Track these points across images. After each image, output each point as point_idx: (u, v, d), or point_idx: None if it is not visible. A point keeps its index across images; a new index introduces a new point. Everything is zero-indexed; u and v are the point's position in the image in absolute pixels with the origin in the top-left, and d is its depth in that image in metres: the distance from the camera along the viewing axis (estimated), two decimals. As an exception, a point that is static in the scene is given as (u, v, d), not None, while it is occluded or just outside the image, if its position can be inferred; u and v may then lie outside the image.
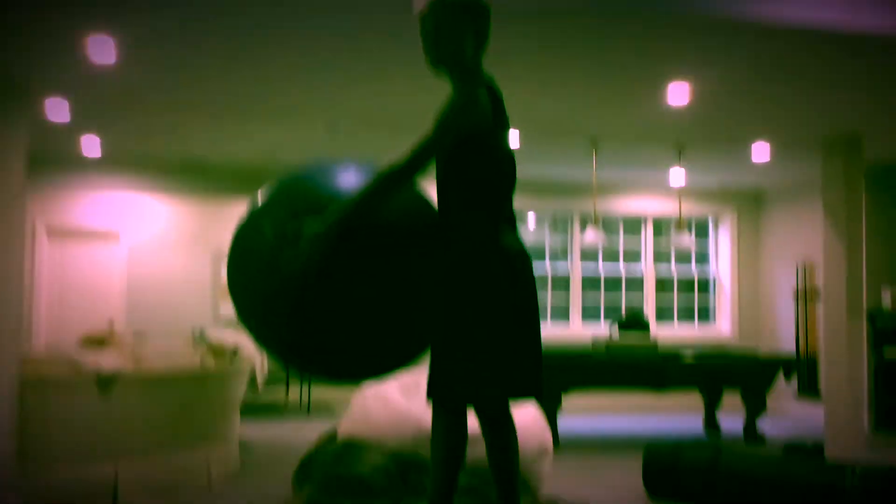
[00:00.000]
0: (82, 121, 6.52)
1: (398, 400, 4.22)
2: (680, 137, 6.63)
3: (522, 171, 8.63)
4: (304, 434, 6.85)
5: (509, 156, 2.50)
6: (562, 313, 9.42)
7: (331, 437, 4.39)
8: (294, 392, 8.97)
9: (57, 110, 5.76)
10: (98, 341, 5.49)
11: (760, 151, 6.90)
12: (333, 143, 7.13)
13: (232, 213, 8.94)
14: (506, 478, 2.37)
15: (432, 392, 2.35)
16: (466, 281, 2.35)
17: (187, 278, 8.75)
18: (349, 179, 2.45)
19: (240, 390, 5.43)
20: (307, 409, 8.39)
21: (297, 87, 5.20)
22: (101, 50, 4.26)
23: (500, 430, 2.39)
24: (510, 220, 2.46)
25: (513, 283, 2.36)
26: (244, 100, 5.52)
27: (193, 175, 8.66)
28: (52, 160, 8.21)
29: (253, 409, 8.33)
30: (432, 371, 2.35)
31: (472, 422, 2.73)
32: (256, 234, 2.40)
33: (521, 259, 2.40)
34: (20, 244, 4.12)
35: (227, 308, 8.74)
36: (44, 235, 8.40)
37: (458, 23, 2.41)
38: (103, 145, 7.58)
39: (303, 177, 2.50)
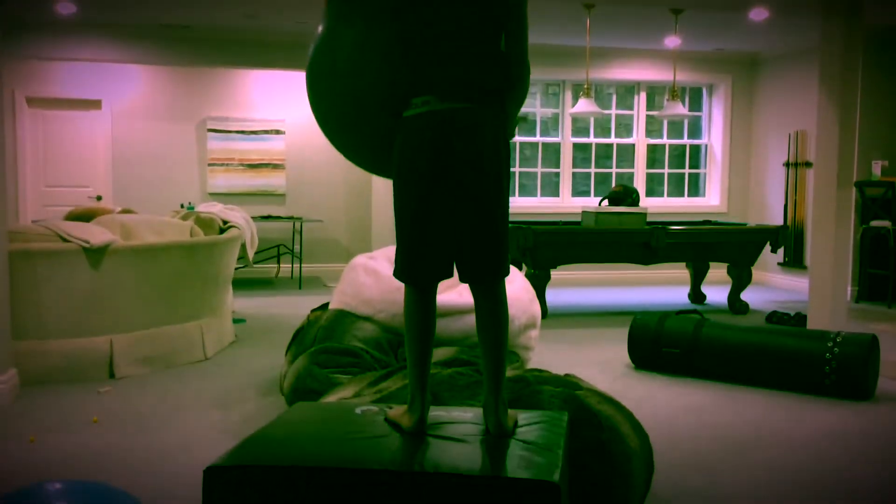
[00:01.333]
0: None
1: (388, 273, 4.23)
2: None
3: (514, 39, 8.38)
4: (295, 307, 6.95)
5: (443, 6, 2.22)
6: (552, 186, 9.39)
7: (322, 310, 4.44)
8: (285, 266, 9.03)
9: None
10: (86, 215, 5.44)
11: (759, 13, 6.69)
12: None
13: (216, 83, 8.71)
14: (490, 347, 2.33)
15: (395, 269, 2.36)
16: (392, 158, 2.30)
17: (173, 150, 8.63)
18: None
19: (231, 263, 5.45)
20: (298, 283, 8.48)
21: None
22: None
23: (484, 300, 2.34)
24: (431, 74, 2.21)
25: (418, 159, 2.20)
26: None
27: (176, 43, 8.38)
28: (30, 27, 7.90)
29: (245, 283, 8.41)
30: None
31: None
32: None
33: (438, 128, 2.18)
34: (-1, 115, 4.00)
35: (216, 182, 8.67)
36: (24, 105, 8.20)
37: None
38: (80, 9, 7.28)
39: None
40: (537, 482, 1.98)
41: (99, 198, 8.45)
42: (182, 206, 8.37)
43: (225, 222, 5.59)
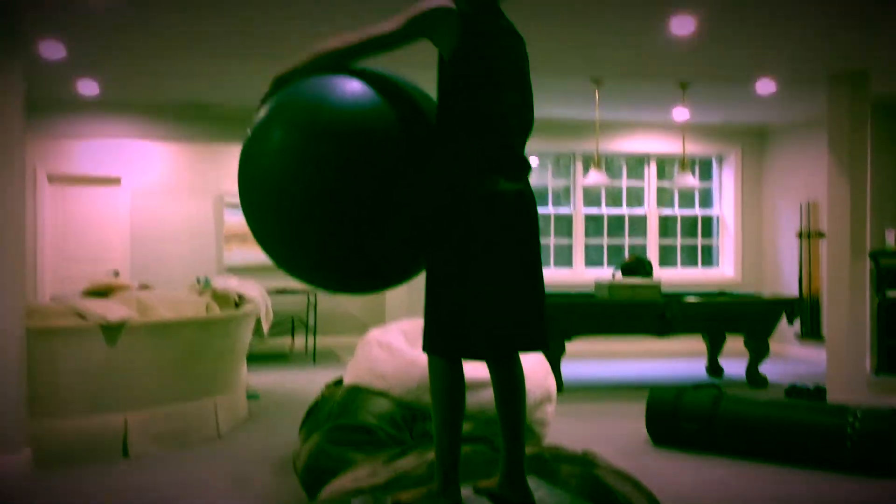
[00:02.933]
0: (79, 64, 6.42)
1: (403, 347, 4.23)
2: (684, 73, 6.53)
3: (525, 113, 8.53)
4: (309, 382, 6.92)
5: (494, 84, 2.31)
6: (565, 257, 9.41)
7: (336, 386, 4.42)
8: (299, 340, 9.03)
9: (53, 51, 5.67)
10: (103, 291, 5.49)
11: (765, 86, 6.80)
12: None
13: (233, 158, 8.87)
14: (511, 423, 2.35)
15: (425, 342, 2.33)
16: (445, 230, 2.27)
17: (191, 224, 8.73)
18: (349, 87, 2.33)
19: (246, 338, 5.46)
20: (313, 358, 8.46)
21: (299, 26, 5.09)
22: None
23: (506, 373, 2.35)
24: (506, 161, 2.30)
25: (494, 233, 2.25)
26: (244, 39, 5.41)
27: (194, 119, 8.57)
28: (51, 106, 8.12)
29: (259, 358, 8.40)
30: (424, 319, 2.33)
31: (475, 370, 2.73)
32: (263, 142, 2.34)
33: (511, 204, 2.27)
34: (21, 191, 4.08)
35: (232, 255, 8.75)
36: (45, 182, 8.36)
37: None
38: (101, 89, 7.48)
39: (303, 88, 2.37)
40: None
41: (116, 273, 8.52)
42: (198, 280, 8.41)
43: (240, 296, 5.63)
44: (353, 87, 2.29)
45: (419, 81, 2.52)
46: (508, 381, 2.36)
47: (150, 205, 8.62)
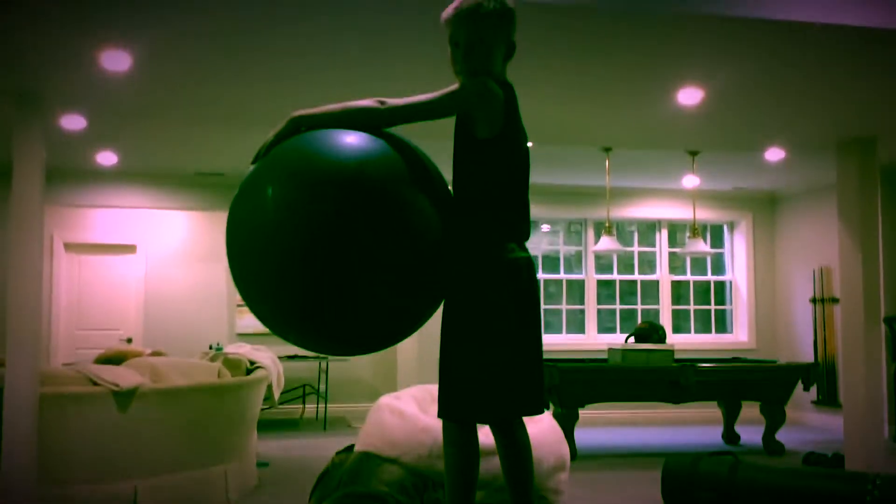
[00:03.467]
0: (98, 135, 6.58)
1: (415, 413, 4.20)
2: (693, 142, 6.61)
3: (534, 178, 8.64)
4: (320, 449, 6.86)
5: (523, 166, 2.43)
6: (577, 323, 9.39)
7: (347, 453, 4.38)
8: (310, 406, 8.98)
9: (73, 122, 5.83)
10: (116, 358, 5.51)
11: (774, 153, 6.87)
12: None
13: (247, 227, 8.97)
14: (519, 489, 2.35)
15: (440, 407, 2.34)
16: (468, 295, 2.31)
17: (203, 291, 8.79)
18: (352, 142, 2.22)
19: (257, 404, 5.44)
20: (323, 424, 8.40)
21: (313, 97, 5.22)
22: (116, 63, 4.31)
23: (511, 438, 2.36)
24: (520, 228, 2.40)
25: (515, 298, 2.31)
26: (260, 112, 5.55)
27: (209, 187, 8.71)
28: (69, 175, 8.28)
29: (269, 424, 8.35)
30: (440, 385, 2.34)
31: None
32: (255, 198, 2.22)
33: (525, 271, 2.35)
34: (38, 258, 4.15)
35: (244, 322, 8.77)
36: (62, 249, 8.46)
37: (492, 32, 2.32)
38: (119, 159, 7.64)
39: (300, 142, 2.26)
40: None
41: (129, 340, 8.55)
42: (211, 346, 8.44)
43: (252, 363, 5.63)
44: (365, 143, 2.22)
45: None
46: (516, 445, 2.37)
47: (165, 272, 8.69)
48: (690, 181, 8.43)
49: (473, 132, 2.35)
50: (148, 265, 8.65)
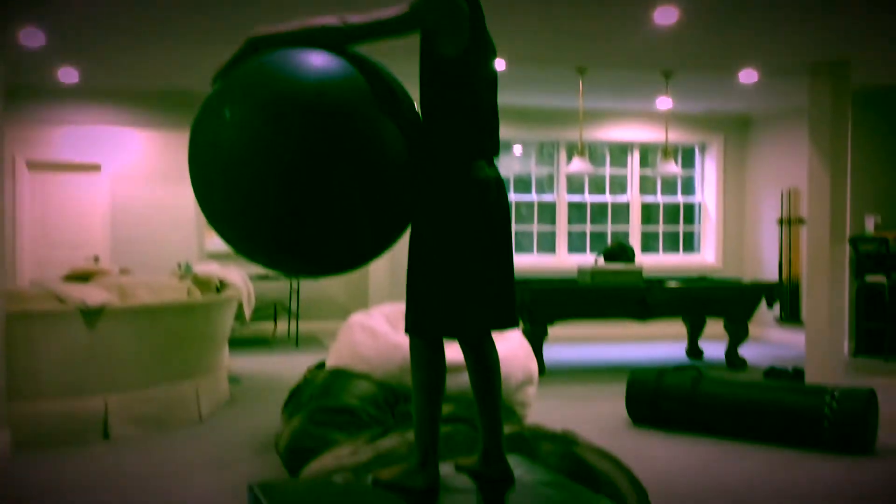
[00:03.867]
0: (59, 51, 6.36)
1: (385, 331, 4.24)
2: (667, 62, 6.55)
3: (507, 99, 8.55)
4: (292, 366, 6.92)
5: (490, 82, 2.41)
6: (548, 243, 9.44)
7: (319, 369, 4.43)
8: (282, 325, 9.02)
9: (32, 38, 5.62)
10: (83, 276, 5.46)
11: (748, 75, 6.84)
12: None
13: (215, 146, 8.82)
14: (488, 403, 2.40)
15: (407, 323, 2.36)
16: (437, 213, 2.32)
17: (171, 211, 8.69)
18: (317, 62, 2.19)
19: (227, 322, 5.45)
20: (295, 342, 8.45)
21: (282, 12, 5.07)
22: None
23: (481, 354, 2.41)
24: (487, 147, 2.38)
25: (484, 216, 2.33)
26: (225, 25, 5.38)
27: (174, 106, 8.51)
28: (31, 93, 8.04)
29: (241, 342, 8.39)
30: (407, 302, 2.36)
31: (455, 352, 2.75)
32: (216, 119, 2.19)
33: (494, 189, 2.36)
34: (0, 177, 4.06)
35: (213, 242, 8.71)
36: (24, 168, 8.28)
37: None
38: (81, 76, 7.42)
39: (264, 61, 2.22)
40: None
41: (96, 259, 8.47)
42: (179, 266, 8.39)
43: (222, 282, 5.61)
44: (327, 63, 2.19)
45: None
46: (484, 361, 2.41)
47: (130, 191, 8.56)
48: (664, 103, 8.39)
49: (439, 50, 2.31)
50: (113, 184, 8.50)
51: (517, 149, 9.43)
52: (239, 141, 2.11)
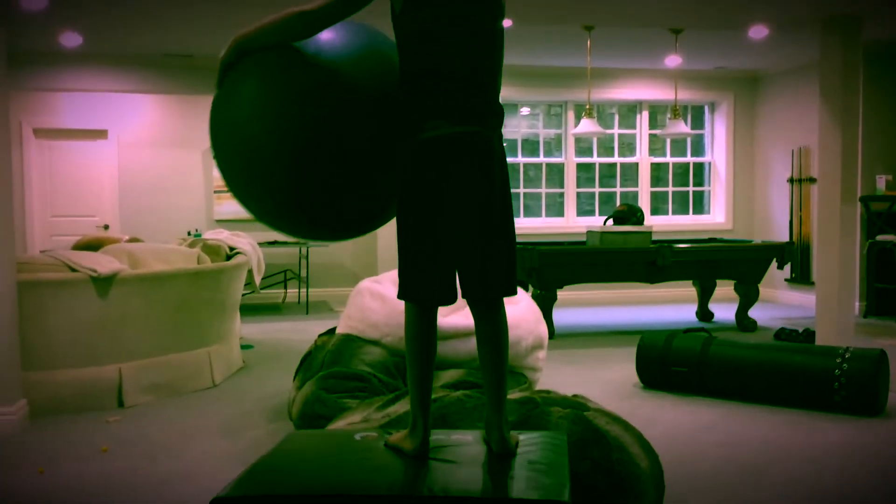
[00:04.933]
0: (61, 15, 6.31)
1: (395, 296, 4.24)
2: (677, 18, 6.45)
3: (514, 60, 8.46)
4: (302, 332, 6.96)
5: (450, 28, 2.27)
6: (556, 206, 9.41)
7: (329, 335, 4.44)
8: (292, 291, 9.05)
9: (33, 1, 5.57)
10: (93, 245, 5.47)
11: (758, 31, 6.73)
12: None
13: (221, 111, 8.77)
14: (492, 374, 2.36)
15: (399, 289, 2.35)
16: (399, 176, 2.30)
17: (180, 178, 8.68)
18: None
19: (238, 289, 5.47)
20: (305, 308, 8.49)
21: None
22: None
23: (488, 323, 2.36)
24: (446, 104, 2.26)
25: (440, 177, 2.24)
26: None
27: (181, 70, 8.46)
28: (34, 59, 7.99)
29: (252, 309, 8.43)
30: (398, 267, 2.37)
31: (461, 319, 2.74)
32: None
33: (448, 148, 2.24)
34: (7, 145, 4.04)
35: (222, 208, 8.71)
36: (31, 136, 8.27)
37: None
38: (84, 41, 7.36)
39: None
40: (546, 502, 1.98)
41: (106, 227, 8.49)
42: (189, 233, 8.41)
43: (232, 249, 5.62)
44: (328, 37, 2.32)
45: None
46: (487, 327, 2.37)
47: (138, 158, 8.55)
48: (673, 61, 8.29)
49: (394, 8, 2.30)
50: (120, 150, 8.49)
51: (524, 110, 9.36)
52: (265, 124, 2.27)
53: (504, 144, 2.41)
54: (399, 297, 2.35)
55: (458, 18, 2.29)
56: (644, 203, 9.48)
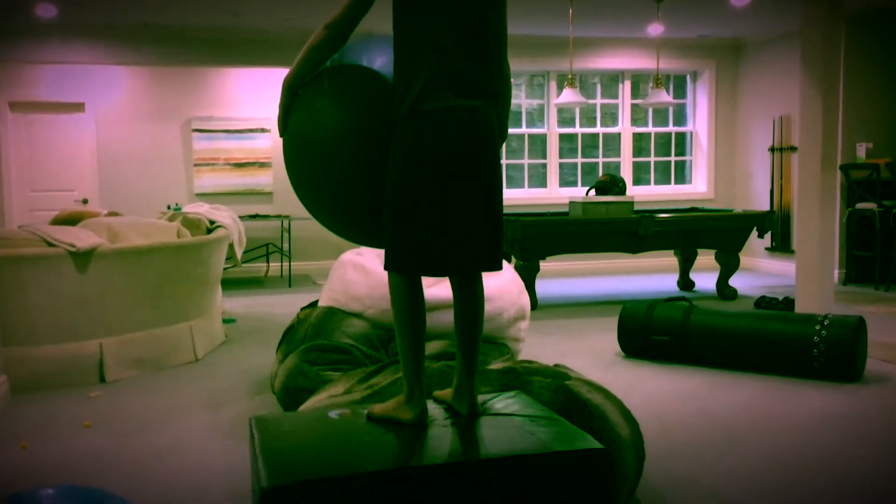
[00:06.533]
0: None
1: (377, 268, 4.23)
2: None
3: (497, 31, 8.39)
4: (285, 305, 6.95)
5: (438, 5, 2.29)
6: (539, 177, 9.40)
7: (311, 308, 4.43)
8: (274, 265, 9.02)
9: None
10: (72, 220, 5.42)
11: None
12: (299, 2, 6.85)
13: (200, 83, 8.69)
14: (466, 339, 2.43)
15: (385, 260, 2.37)
16: (397, 149, 2.31)
17: (159, 151, 8.59)
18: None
19: (219, 263, 5.44)
20: (288, 282, 8.47)
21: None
22: None
23: (466, 293, 2.42)
24: (436, 80, 2.27)
25: (428, 150, 2.26)
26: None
27: (158, 42, 8.34)
28: (9, 31, 7.85)
29: (234, 283, 8.40)
30: (385, 239, 2.37)
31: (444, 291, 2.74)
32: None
33: (435, 124, 2.26)
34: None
35: (202, 182, 8.64)
36: (7, 109, 8.15)
37: None
38: (59, 11, 7.24)
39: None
40: (590, 451, 2.12)
41: (85, 201, 8.41)
42: (169, 207, 8.35)
43: (212, 222, 5.58)
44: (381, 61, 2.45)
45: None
46: (466, 298, 2.42)
47: (117, 131, 8.45)
48: (655, 30, 8.26)
49: None
50: (98, 124, 8.39)
51: (507, 81, 9.30)
52: (347, 140, 2.38)
53: (500, 121, 2.46)
54: (387, 268, 2.36)
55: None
56: (626, 173, 9.49)
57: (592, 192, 7.22)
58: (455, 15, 2.32)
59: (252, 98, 8.87)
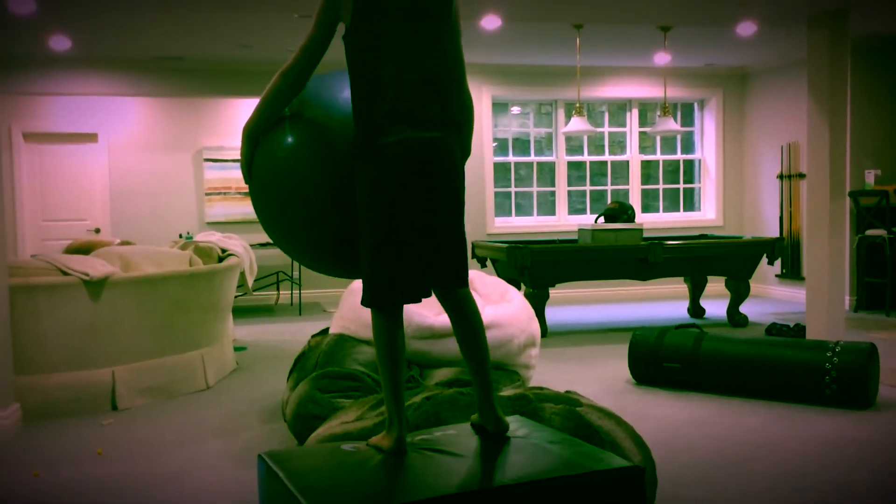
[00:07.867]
0: (50, 18, 6.30)
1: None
2: (665, 16, 6.48)
3: (504, 59, 8.48)
4: (296, 333, 6.96)
5: (410, 44, 2.34)
6: (548, 205, 9.43)
7: (322, 335, 4.45)
8: (284, 293, 9.05)
9: (22, 5, 5.55)
10: (84, 249, 5.46)
11: (746, 28, 6.77)
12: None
13: (211, 113, 8.78)
14: (474, 359, 2.47)
15: (365, 297, 2.41)
16: (363, 185, 2.34)
17: (170, 180, 8.67)
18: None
19: (231, 291, 5.47)
20: (298, 310, 8.49)
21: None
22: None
23: (459, 314, 2.47)
24: (401, 110, 2.31)
25: (388, 182, 2.29)
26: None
27: (170, 73, 8.45)
28: (23, 62, 7.98)
29: (245, 311, 8.43)
30: (362, 276, 2.43)
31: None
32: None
33: (404, 153, 2.30)
34: (-4, 152, 4.05)
35: (213, 211, 8.70)
36: (21, 140, 8.25)
37: None
38: (74, 44, 7.36)
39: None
40: (624, 469, 2.13)
41: (97, 230, 8.48)
42: (180, 236, 8.41)
43: (223, 251, 5.62)
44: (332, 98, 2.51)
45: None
46: (458, 316, 2.48)
47: (129, 161, 8.54)
48: (662, 58, 8.32)
49: (346, 24, 2.36)
50: (111, 154, 8.48)
51: (515, 109, 9.38)
52: (308, 176, 2.45)
53: (462, 146, 2.51)
54: (365, 304, 2.40)
55: (408, 31, 2.35)
56: (635, 200, 9.51)
57: (601, 219, 7.24)
58: (408, 47, 2.35)
59: (263, 128, 8.93)
